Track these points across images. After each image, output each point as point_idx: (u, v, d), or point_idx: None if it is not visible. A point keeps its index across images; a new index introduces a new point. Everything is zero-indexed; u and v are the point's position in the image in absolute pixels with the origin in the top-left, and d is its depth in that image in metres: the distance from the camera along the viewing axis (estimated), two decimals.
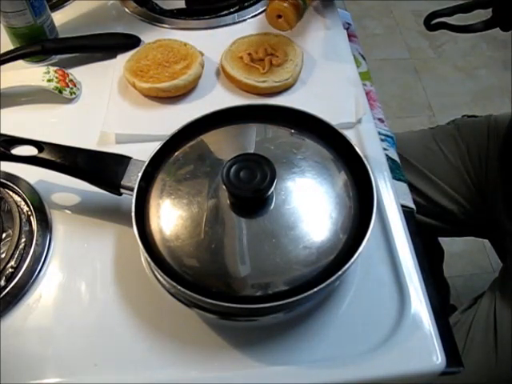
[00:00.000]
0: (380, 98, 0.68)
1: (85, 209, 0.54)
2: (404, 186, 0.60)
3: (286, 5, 0.65)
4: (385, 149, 0.60)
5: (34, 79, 0.64)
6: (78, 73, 0.67)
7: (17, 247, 0.49)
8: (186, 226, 0.46)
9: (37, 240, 0.50)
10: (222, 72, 0.66)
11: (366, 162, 0.47)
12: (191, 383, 0.44)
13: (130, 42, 0.70)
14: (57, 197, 0.55)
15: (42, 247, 0.50)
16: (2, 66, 0.65)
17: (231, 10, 0.75)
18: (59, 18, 0.74)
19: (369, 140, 0.59)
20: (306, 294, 0.40)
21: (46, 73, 0.64)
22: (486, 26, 0.70)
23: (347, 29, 0.74)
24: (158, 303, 0.47)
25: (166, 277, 0.42)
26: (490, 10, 0.69)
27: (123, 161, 0.50)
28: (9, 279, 0.48)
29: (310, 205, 0.47)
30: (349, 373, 0.43)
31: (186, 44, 0.67)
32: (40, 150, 0.50)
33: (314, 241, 0.45)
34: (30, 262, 0.49)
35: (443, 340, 0.45)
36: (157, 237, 0.46)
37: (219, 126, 0.53)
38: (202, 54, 0.66)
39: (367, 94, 0.65)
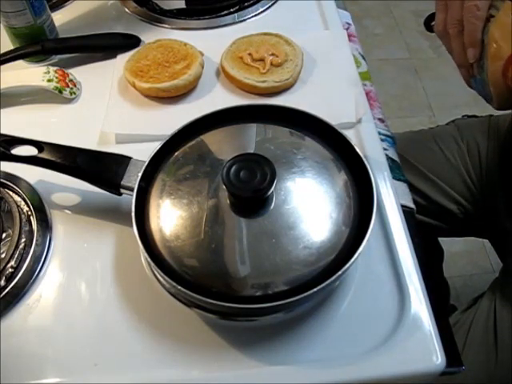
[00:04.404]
0: (380, 98, 0.68)
1: (85, 209, 0.54)
2: (404, 186, 0.60)
3: None
4: (385, 149, 0.60)
5: (34, 79, 0.64)
6: (78, 73, 0.67)
7: (17, 247, 0.49)
8: (185, 226, 0.46)
9: (37, 240, 0.50)
10: (221, 72, 0.66)
11: (365, 162, 0.47)
12: (191, 383, 0.44)
13: (130, 42, 0.70)
14: (57, 197, 0.55)
15: (42, 247, 0.50)
16: (2, 66, 0.65)
17: (231, 9, 0.75)
18: (59, 18, 0.74)
19: (369, 140, 0.58)
20: (305, 294, 0.40)
21: (46, 73, 0.64)
22: None
23: (347, 29, 0.74)
24: (157, 303, 0.47)
25: (165, 277, 0.42)
26: None
27: (123, 161, 0.50)
28: (9, 279, 0.48)
29: (309, 205, 0.47)
30: (349, 373, 0.43)
31: (185, 44, 0.67)
32: (40, 150, 0.50)
33: (314, 241, 0.45)
34: (30, 261, 0.49)
35: (443, 340, 0.45)
36: (157, 237, 0.46)
37: (219, 126, 0.52)
38: (202, 54, 0.66)
39: (367, 94, 0.64)
